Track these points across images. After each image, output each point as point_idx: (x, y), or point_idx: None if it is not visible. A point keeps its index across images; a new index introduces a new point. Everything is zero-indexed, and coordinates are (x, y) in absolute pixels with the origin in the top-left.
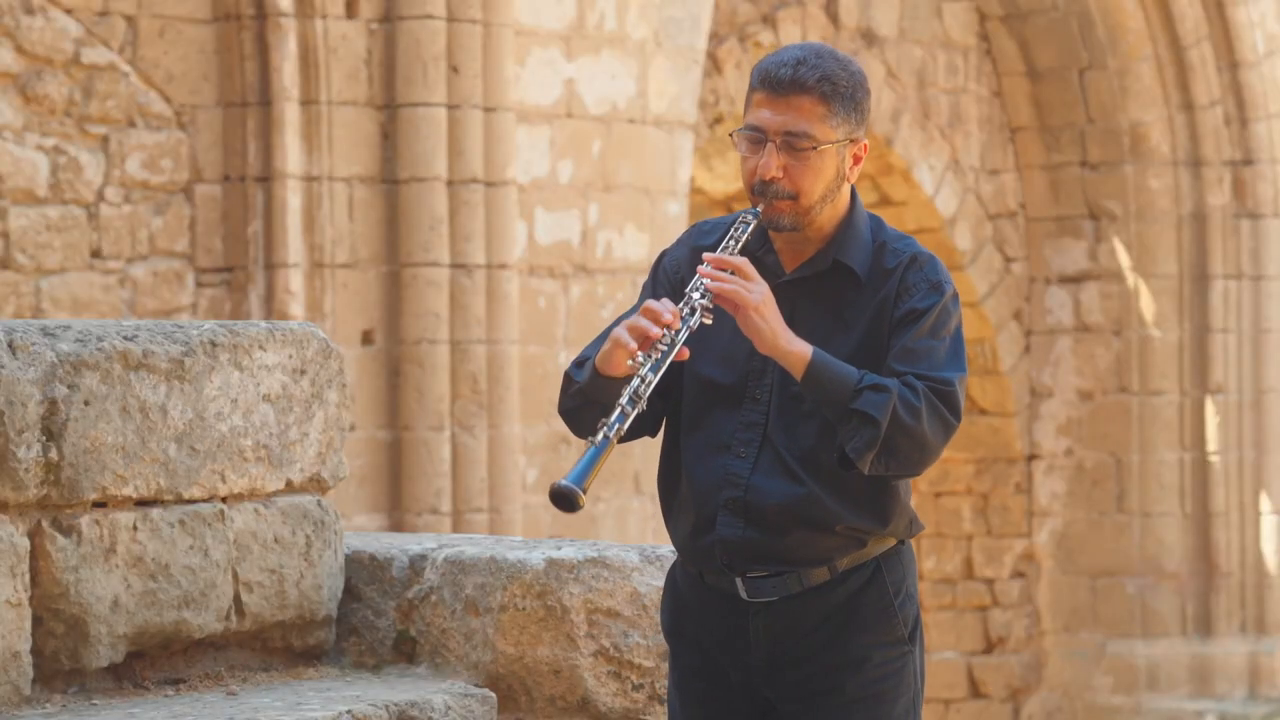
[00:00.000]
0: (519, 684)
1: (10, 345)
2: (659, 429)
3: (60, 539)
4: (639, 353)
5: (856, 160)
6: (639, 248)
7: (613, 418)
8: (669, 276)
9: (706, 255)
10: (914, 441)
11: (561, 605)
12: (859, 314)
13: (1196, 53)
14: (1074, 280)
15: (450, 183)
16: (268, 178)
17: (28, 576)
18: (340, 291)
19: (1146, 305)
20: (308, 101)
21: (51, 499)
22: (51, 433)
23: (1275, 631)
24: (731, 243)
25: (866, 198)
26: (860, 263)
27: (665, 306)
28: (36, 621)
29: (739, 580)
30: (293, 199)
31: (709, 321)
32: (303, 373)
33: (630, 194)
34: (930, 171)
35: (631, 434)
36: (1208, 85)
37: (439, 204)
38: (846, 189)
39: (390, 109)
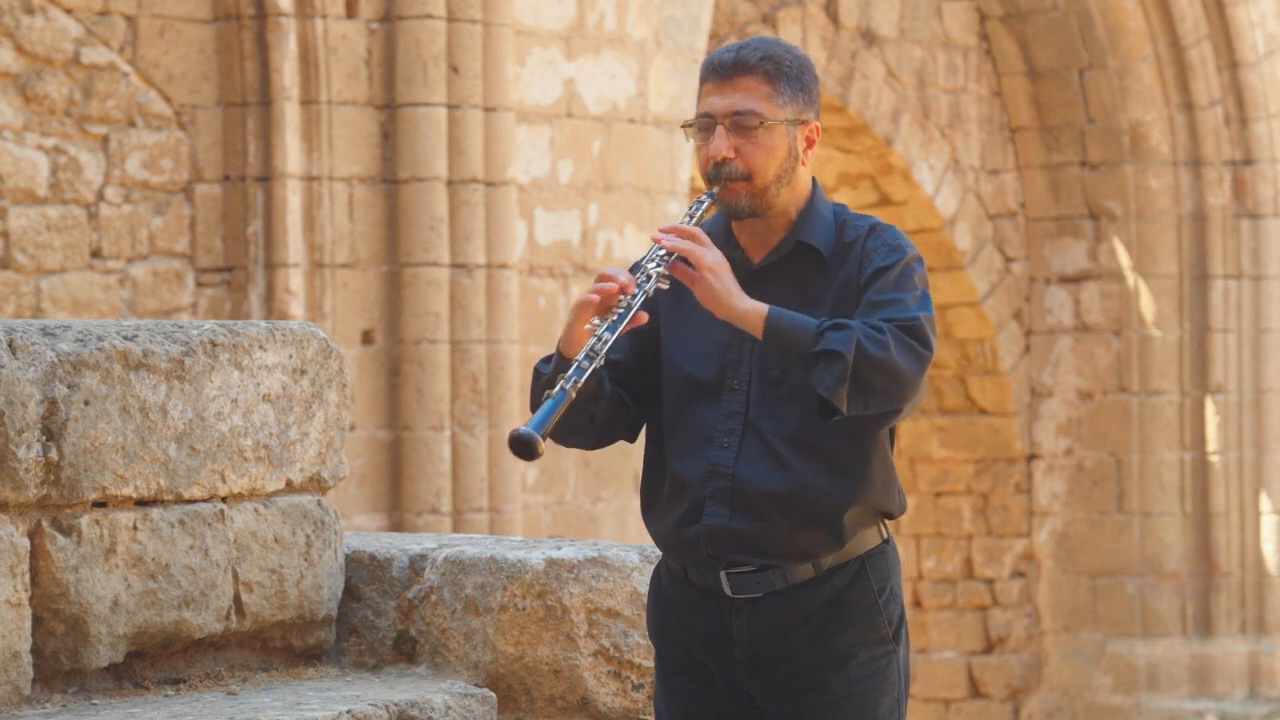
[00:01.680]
0: (519, 684)
1: (10, 345)
2: (636, 434)
3: (60, 539)
4: (595, 317)
5: (810, 143)
6: (639, 247)
7: (570, 371)
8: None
9: (660, 228)
10: (886, 373)
11: (561, 605)
12: (826, 291)
13: (1196, 53)
14: (1074, 280)
15: (450, 183)
16: (268, 178)
17: (28, 576)
18: (340, 291)
19: (1146, 305)
20: (308, 101)
21: (51, 499)
22: (51, 433)
23: (1275, 631)
24: (687, 218)
25: (866, 197)
26: (823, 242)
27: (619, 272)
28: (36, 621)
29: (723, 575)
30: (293, 199)
31: (665, 286)
32: (303, 373)
33: (630, 194)
34: (930, 171)
35: (607, 436)
36: (1208, 85)
37: (439, 204)
38: (805, 174)
39: (390, 109)
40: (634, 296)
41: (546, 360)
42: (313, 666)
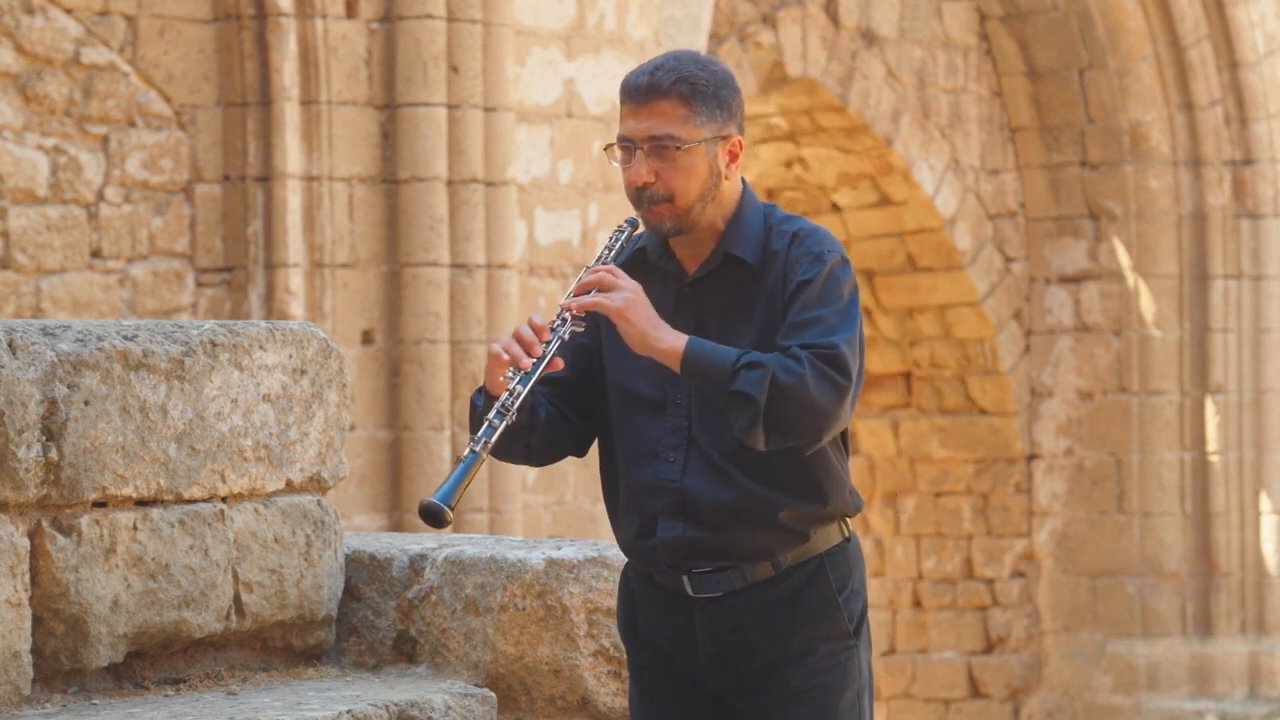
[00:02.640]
0: (519, 684)
1: (10, 345)
2: (586, 449)
3: (60, 539)
4: (510, 368)
5: (733, 157)
6: None
7: (480, 432)
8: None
9: (585, 271)
10: (801, 407)
11: (561, 605)
12: (755, 301)
13: (1196, 53)
14: (1074, 280)
15: (450, 183)
16: (268, 178)
17: (28, 576)
18: (340, 291)
19: (1146, 305)
20: (308, 101)
21: (51, 499)
22: (51, 432)
23: (1275, 631)
24: (605, 252)
25: (866, 197)
26: (750, 252)
27: (533, 326)
28: (36, 621)
29: (685, 577)
30: (293, 199)
31: (580, 329)
32: (303, 373)
33: None
34: (930, 171)
35: (550, 457)
36: (1208, 85)
37: (439, 204)
38: (731, 186)
39: (390, 109)
40: (547, 344)
41: (480, 390)
42: (313, 666)
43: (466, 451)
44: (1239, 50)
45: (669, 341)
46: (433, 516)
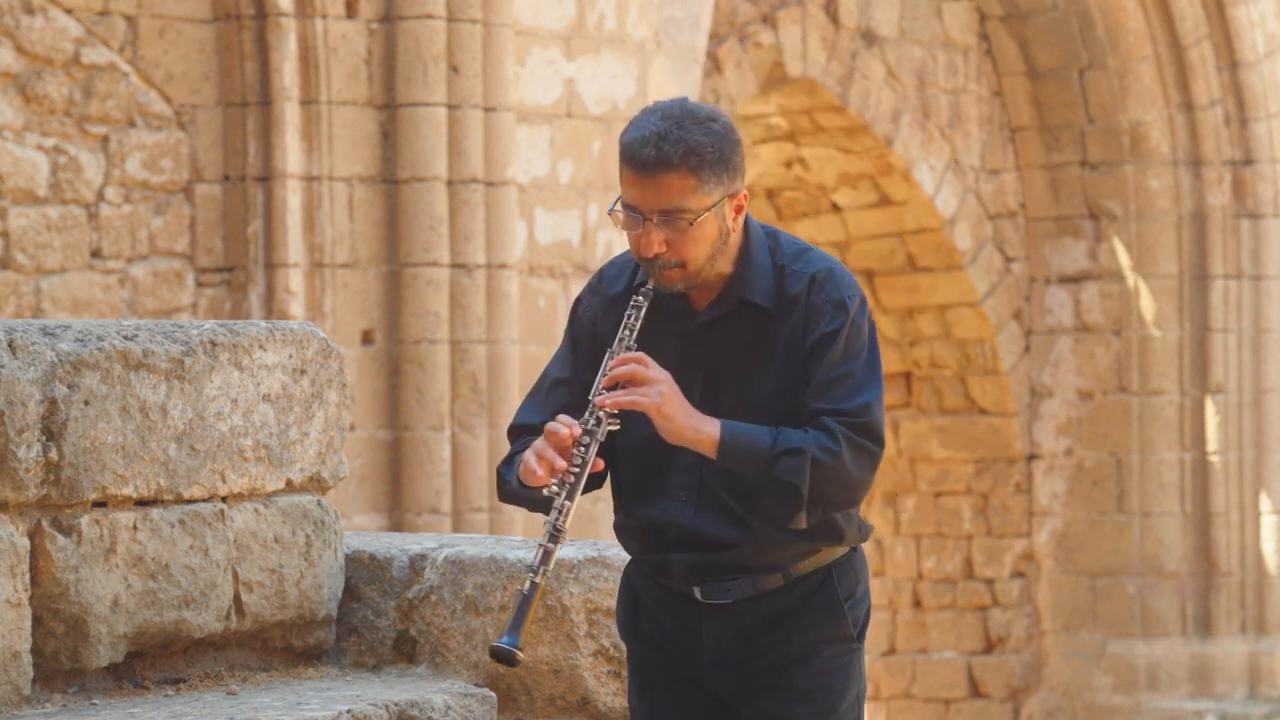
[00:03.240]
0: (519, 684)
1: (10, 345)
2: (603, 481)
3: (60, 539)
4: (552, 481)
5: (739, 210)
6: None
7: (536, 561)
8: (585, 329)
9: (604, 373)
10: (840, 485)
11: (561, 605)
12: (774, 346)
13: (1196, 53)
14: (1074, 280)
15: (450, 183)
16: (268, 178)
17: (28, 576)
18: (340, 291)
19: (1146, 305)
20: (308, 101)
21: (51, 499)
22: (51, 432)
23: (1275, 631)
24: (627, 333)
25: (866, 197)
26: (765, 295)
27: (566, 426)
28: (36, 621)
29: (695, 586)
30: (293, 199)
31: (615, 427)
32: (303, 373)
33: None
34: (930, 171)
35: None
36: (1208, 85)
37: (439, 204)
38: (735, 235)
39: (390, 109)
40: (586, 448)
41: (508, 461)
42: (313, 666)
43: (526, 584)
44: (1239, 50)
45: (706, 432)
46: (504, 658)
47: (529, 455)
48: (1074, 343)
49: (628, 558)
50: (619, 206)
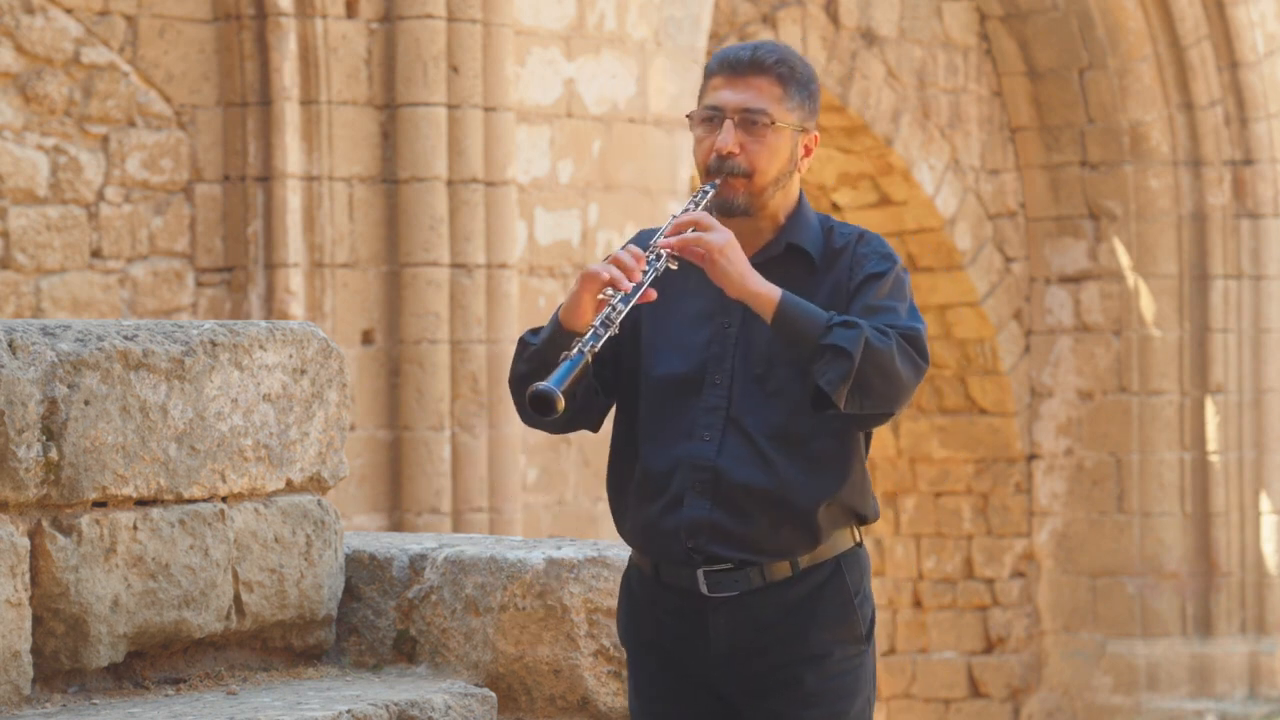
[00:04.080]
0: (519, 684)
1: (10, 345)
2: (600, 425)
3: (60, 539)
4: (609, 287)
5: (808, 151)
6: None
7: (587, 336)
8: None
9: (673, 217)
10: (886, 377)
11: (561, 605)
12: (814, 295)
13: (1196, 53)
14: (1074, 280)
15: (450, 182)
16: (268, 178)
17: (28, 576)
18: (340, 291)
19: (1146, 305)
20: (308, 101)
21: (51, 499)
22: (51, 432)
23: (1275, 631)
24: (692, 205)
25: (866, 197)
26: (812, 244)
27: (632, 250)
28: (36, 621)
29: (700, 574)
30: (293, 199)
31: (674, 267)
32: (303, 372)
33: (630, 194)
34: (930, 171)
35: (576, 421)
36: (1208, 85)
37: (439, 204)
38: (797, 181)
39: (390, 109)
40: (645, 272)
41: (534, 331)
42: (313, 666)
43: (574, 351)
44: (1239, 50)
45: (765, 287)
46: (544, 403)
47: (593, 267)
48: (1074, 343)
49: (627, 557)
50: (698, 110)
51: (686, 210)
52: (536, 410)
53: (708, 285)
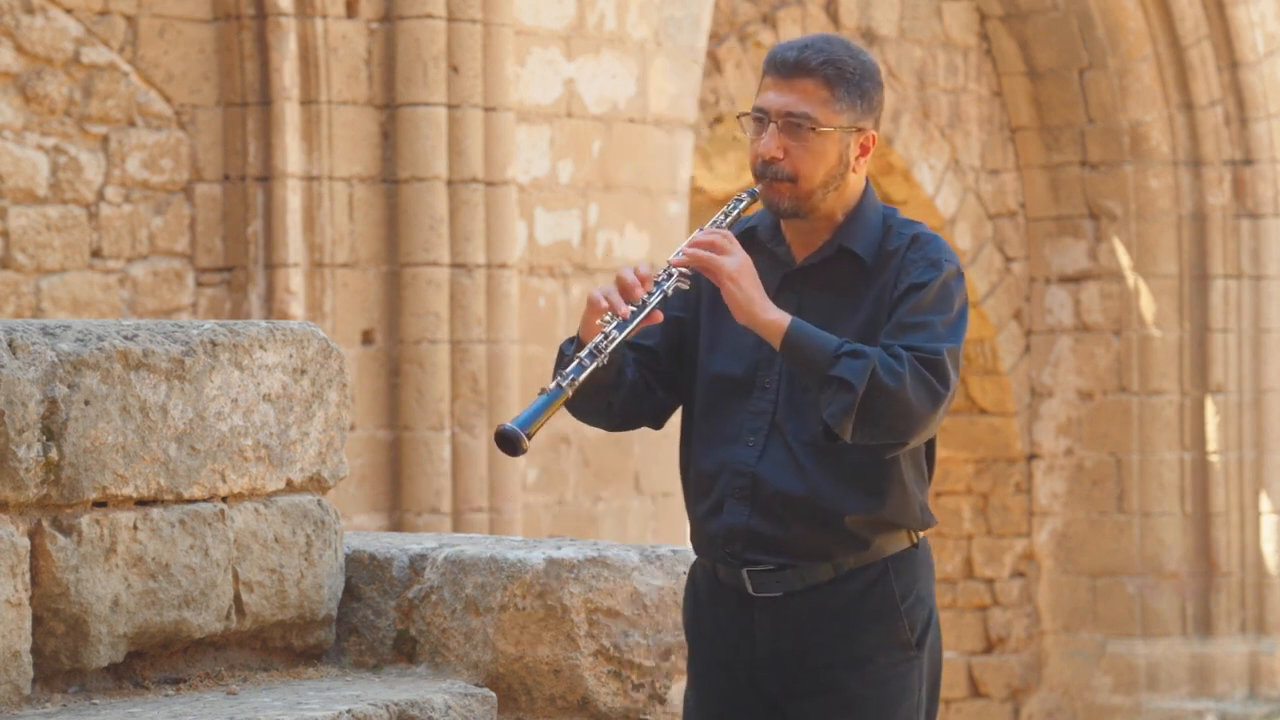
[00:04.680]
0: (519, 684)
1: (10, 345)
2: (663, 422)
3: (60, 539)
4: (607, 313)
5: (864, 151)
6: (639, 247)
7: (569, 368)
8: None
9: (697, 233)
10: (896, 407)
11: (562, 605)
12: (863, 296)
13: (1196, 53)
14: (1074, 280)
15: (450, 182)
16: (268, 177)
17: (28, 576)
18: (340, 291)
19: (1146, 305)
20: (308, 101)
21: (51, 499)
22: (51, 432)
23: (1275, 631)
24: (721, 217)
25: None
26: (865, 248)
27: (636, 272)
28: (36, 621)
29: (744, 573)
30: (293, 199)
31: (685, 286)
32: (303, 372)
33: (630, 194)
34: (930, 171)
35: (629, 422)
36: (1208, 85)
37: (439, 204)
38: (856, 179)
39: (390, 109)
40: (649, 294)
41: (571, 340)
42: (313, 666)
43: (552, 385)
44: (1239, 50)
45: (774, 315)
46: (508, 443)
47: (594, 294)
48: (1074, 343)
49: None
50: (748, 114)
51: (716, 222)
52: (502, 449)
53: (769, 281)
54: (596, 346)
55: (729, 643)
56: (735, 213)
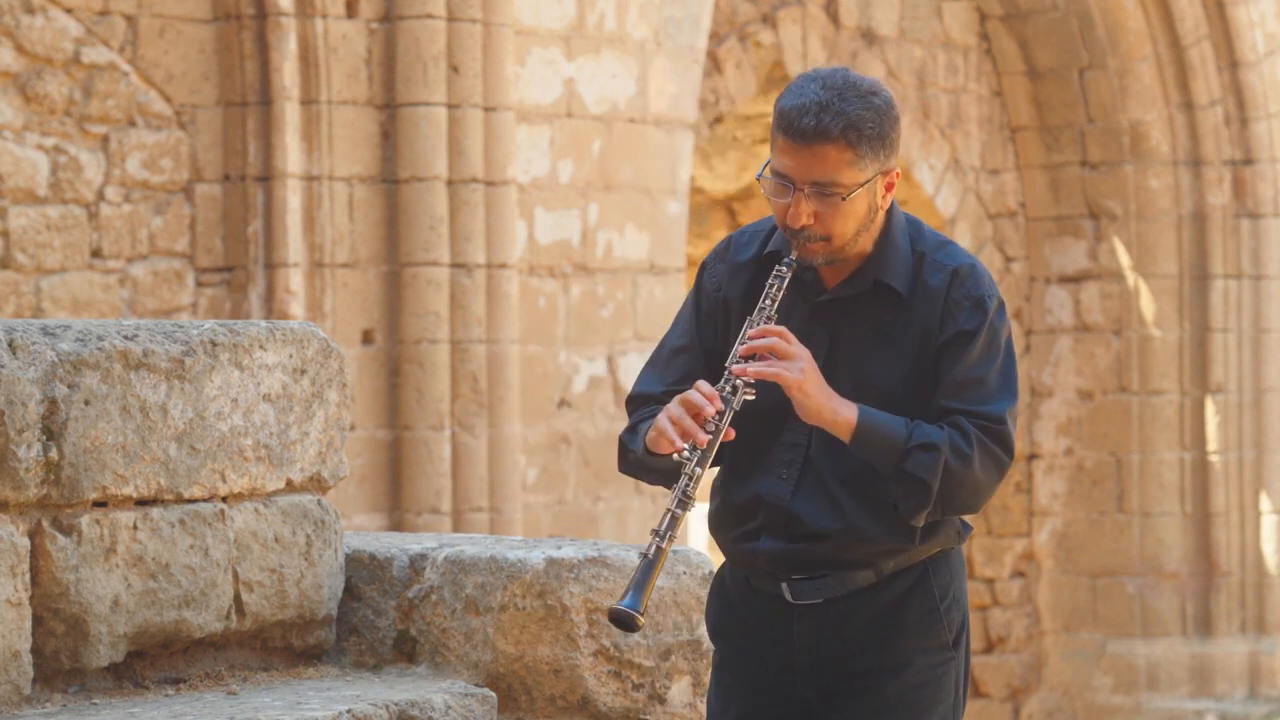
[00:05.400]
0: (519, 684)
1: (10, 345)
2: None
3: (60, 539)
4: (685, 447)
5: (889, 188)
6: (639, 247)
7: (663, 526)
8: (710, 295)
9: (745, 336)
10: (967, 489)
11: (562, 605)
12: (904, 334)
13: (1196, 52)
14: (1074, 280)
15: (450, 182)
16: (268, 177)
17: (28, 576)
18: (340, 291)
19: (1146, 305)
20: (308, 101)
21: (51, 498)
22: (51, 432)
23: (1275, 631)
24: (768, 303)
25: None
26: (901, 280)
27: (705, 394)
28: (37, 621)
29: (784, 584)
30: (293, 199)
31: (751, 397)
32: (303, 372)
33: (630, 194)
34: (930, 171)
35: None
36: (1208, 85)
37: (439, 204)
38: (881, 215)
39: (390, 109)
40: (721, 416)
41: (630, 431)
42: (313, 666)
43: (651, 548)
44: (1239, 50)
45: (844, 414)
46: (623, 623)
47: (662, 421)
48: (1074, 342)
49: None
50: (768, 173)
51: (762, 308)
52: (618, 626)
53: (797, 307)
54: (685, 492)
55: (762, 646)
56: (780, 294)
